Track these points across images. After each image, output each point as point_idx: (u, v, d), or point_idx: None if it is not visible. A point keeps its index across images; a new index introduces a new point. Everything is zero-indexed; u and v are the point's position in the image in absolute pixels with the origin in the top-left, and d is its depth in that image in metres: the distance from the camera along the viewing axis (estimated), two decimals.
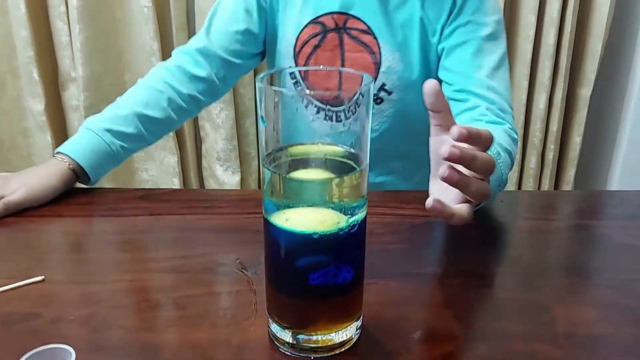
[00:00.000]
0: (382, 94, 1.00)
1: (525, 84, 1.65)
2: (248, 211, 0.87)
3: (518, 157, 1.74)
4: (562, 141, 1.76)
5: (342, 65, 0.99)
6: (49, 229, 0.82)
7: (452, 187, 0.57)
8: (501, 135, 0.84)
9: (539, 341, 0.60)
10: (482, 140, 0.56)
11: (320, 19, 0.99)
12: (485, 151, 0.57)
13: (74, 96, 1.65)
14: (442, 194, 0.62)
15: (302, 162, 0.55)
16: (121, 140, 0.95)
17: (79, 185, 0.95)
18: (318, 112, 0.52)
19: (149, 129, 0.99)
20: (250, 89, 1.69)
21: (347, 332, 0.58)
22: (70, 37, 1.56)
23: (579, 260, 0.76)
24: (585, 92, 1.66)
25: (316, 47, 1.00)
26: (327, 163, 0.55)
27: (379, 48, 0.97)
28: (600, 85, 1.67)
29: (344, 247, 0.54)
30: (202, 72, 1.01)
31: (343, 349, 0.58)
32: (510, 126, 0.89)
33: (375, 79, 0.99)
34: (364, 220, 0.55)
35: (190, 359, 0.57)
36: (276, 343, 0.58)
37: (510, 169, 0.82)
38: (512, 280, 0.71)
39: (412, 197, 0.91)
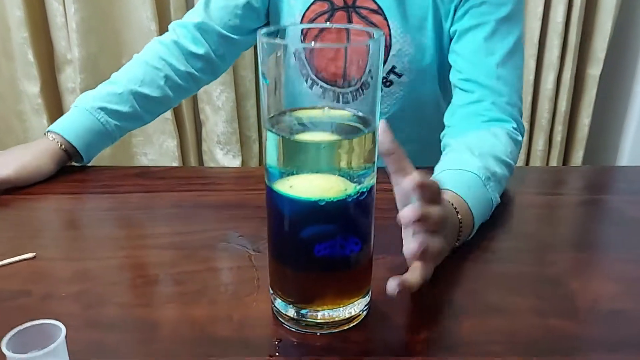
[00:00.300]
0: (392, 76, 0.96)
1: (533, 63, 1.61)
2: (249, 188, 0.83)
3: (525, 139, 1.70)
4: (570, 122, 1.72)
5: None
6: (41, 207, 0.79)
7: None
8: (500, 145, 0.78)
9: (556, 316, 0.56)
10: (431, 190, 0.54)
11: None
12: (436, 197, 0.56)
13: (70, 78, 1.61)
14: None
15: (308, 126, 0.51)
16: (116, 119, 0.92)
17: (72, 164, 0.92)
18: (324, 94, 0.49)
19: (145, 108, 0.95)
20: (251, 70, 1.65)
21: (354, 308, 0.54)
22: (66, 17, 1.52)
23: (593, 235, 0.73)
24: (594, 71, 1.62)
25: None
26: (335, 127, 0.51)
27: (389, 30, 0.92)
28: (609, 65, 1.63)
29: (352, 216, 0.51)
30: (200, 49, 0.97)
31: (350, 325, 0.54)
32: (514, 125, 0.83)
33: (385, 61, 0.94)
34: (372, 189, 0.52)
35: (189, 335, 0.53)
36: (280, 319, 0.55)
37: (508, 178, 0.78)
38: (526, 256, 0.67)
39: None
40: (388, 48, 0.93)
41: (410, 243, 0.53)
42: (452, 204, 0.63)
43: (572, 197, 0.84)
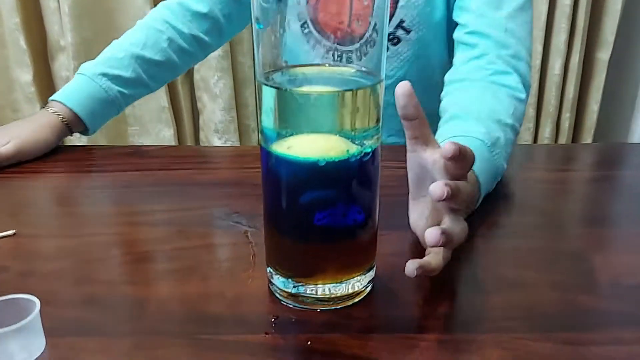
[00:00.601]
0: (400, 32, 0.89)
1: (540, 47, 1.56)
2: (246, 166, 0.79)
3: (532, 125, 1.65)
4: (578, 109, 1.66)
5: None
6: (26, 185, 0.74)
7: (428, 214, 0.55)
8: (500, 107, 0.72)
9: (579, 291, 0.52)
10: (466, 161, 0.49)
11: None
12: (468, 170, 0.51)
13: (63, 66, 1.56)
14: (419, 218, 0.56)
15: (307, 80, 0.46)
16: (119, 85, 0.87)
17: (75, 136, 0.88)
18: (327, 53, 0.45)
19: (149, 73, 0.90)
20: (249, 56, 1.60)
21: (357, 283, 0.50)
22: (59, 1, 1.48)
23: (608, 210, 0.69)
24: (603, 55, 1.57)
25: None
26: (337, 82, 0.47)
27: None
28: (619, 49, 1.58)
29: (354, 180, 0.46)
30: (204, 8, 0.92)
31: (353, 301, 0.50)
32: (519, 79, 0.77)
33: (392, 15, 0.87)
34: (377, 151, 0.47)
35: (178, 312, 0.49)
36: (277, 295, 0.50)
37: (514, 141, 0.73)
38: (541, 230, 0.63)
39: None
40: None
41: (433, 230, 0.47)
42: None
43: (584, 173, 0.80)
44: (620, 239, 0.62)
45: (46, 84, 1.60)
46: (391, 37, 0.89)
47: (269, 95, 0.45)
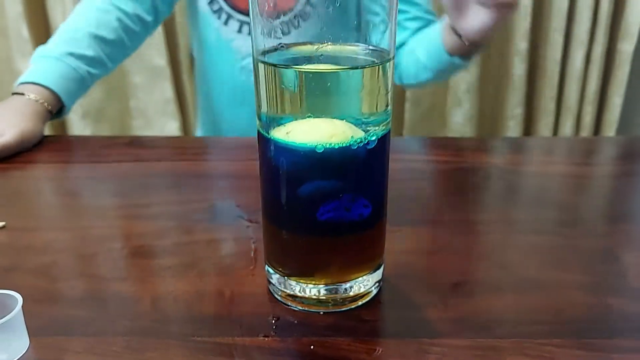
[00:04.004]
0: (308, 8, 0.86)
1: (561, 39, 1.50)
2: (248, 158, 0.74)
3: (551, 120, 1.60)
4: (600, 103, 1.60)
5: None
6: (19, 175, 0.71)
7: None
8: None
9: (611, 294, 0.47)
10: None
11: None
12: None
13: None
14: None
15: (307, 59, 0.42)
16: (85, 65, 0.88)
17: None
18: (242, 26, 0.39)
19: (106, 52, 0.92)
20: None
21: (364, 283, 0.46)
22: None
23: (635, 206, 0.64)
24: (627, 46, 1.50)
25: None
26: (341, 61, 0.42)
27: None
28: None
29: (359, 170, 0.42)
30: None
31: (359, 303, 0.46)
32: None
33: None
34: (385, 138, 0.43)
35: (172, 312, 0.45)
36: (276, 296, 0.46)
37: None
38: (566, 227, 0.58)
39: (435, 143, 0.81)
40: None
41: None
42: None
43: (607, 167, 0.75)
44: None
45: None
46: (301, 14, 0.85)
47: (267, 76, 0.41)
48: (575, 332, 0.42)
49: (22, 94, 0.81)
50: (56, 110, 0.84)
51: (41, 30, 1.53)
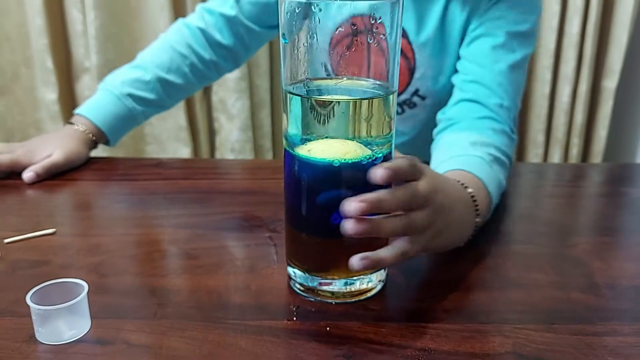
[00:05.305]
0: (416, 98, 0.95)
1: (549, 75, 1.61)
2: (265, 177, 0.83)
3: (541, 151, 1.69)
4: (586, 135, 1.70)
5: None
6: (62, 190, 0.79)
7: None
8: (497, 137, 0.76)
9: (577, 290, 0.55)
10: (403, 173, 0.50)
11: (355, 20, 0.93)
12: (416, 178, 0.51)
13: (87, 86, 1.63)
14: None
15: (326, 91, 0.51)
16: (142, 105, 0.94)
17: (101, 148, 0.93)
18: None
19: (169, 94, 0.97)
20: (267, 79, 1.66)
21: (371, 278, 0.54)
22: (85, 25, 1.55)
23: (614, 222, 0.72)
24: (610, 83, 1.61)
25: (348, 47, 0.94)
26: (353, 93, 0.51)
27: (413, 54, 0.91)
28: (625, 77, 1.62)
29: (368, 182, 0.50)
30: (226, 40, 0.98)
31: (367, 296, 0.54)
32: (506, 125, 0.80)
33: (408, 83, 0.93)
34: (389, 156, 0.52)
35: (205, 300, 0.53)
36: (295, 288, 0.55)
37: (509, 170, 0.77)
38: (546, 238, 0.67)
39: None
40: (412, 70, 0.92)
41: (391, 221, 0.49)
42: (459, 181, 0.61)
43: (591, 189, 0.84)
44: (622, 247, 0.65)
45: (70, 104, 1.67)
46: (408, 102, 0.95)
47: (294, 104, 0.50)
48: (545, 319, 0.51)
49: (73, 124, 0.90)
50: (102, 141, 0.93)
51: (64, 62, 1.63)
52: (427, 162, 0.74)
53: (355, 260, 0.48)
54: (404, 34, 0.91)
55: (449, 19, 0.89)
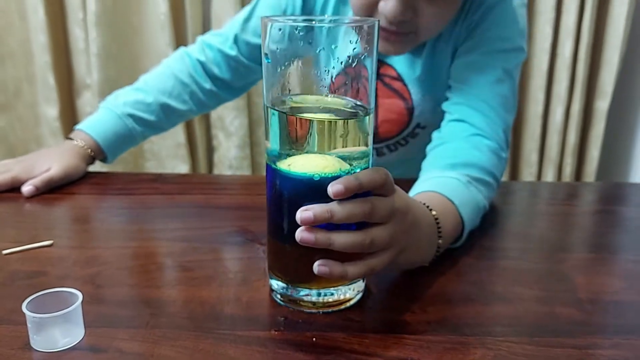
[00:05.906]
0: (418, 130, 0.98)
1: (542, 96, 1.64)
2: (258, 192, 0.85)
3: (534, 170, 1.72)
4: (579, 155, 1.73)
5: (376, 111, 0.96)
6: (60, 203, 0.81)
7: None
8: (481, 156, 0.77)
9: (560, 305, 0.57)
10: (366, 186, 0.50)
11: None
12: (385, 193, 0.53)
13: (88, 102, 1.66)
14: None
15: (306, 109, 0.53)
16: (142, 126, 0.97)
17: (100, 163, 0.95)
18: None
19: (169, 118, 1.00)
20: None
21: (352, 288, 0.56)
22: (87, 42, 1.58)
23: (602, 239, 0.74)
24: (602, 104, 1.64)
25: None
26: (333, 111, 0.53)
27: (410, 94, 0.94)
28: (617, 98, 1.65)
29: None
30: (224, 75, 1.01)
31: (348, 305, 0.56)
32: (495, 142, 0.80)
33: (409, 122, 0.96)
34: None
35: (197, 312, 0.55)
36: (276, 299, 0.57)
37: (495, 188, 0.78)
38: (534, 254, 0.68)
39: None
40: (411, 110, 0.95)
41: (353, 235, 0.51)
42: (424, 203, 0.62)
43: (583, 207, 0.86)
44: (607, 264, 0.67)
45: (70, 120, 1.70)
46: (411, 134, 0.98)
47: (274, 120, 0.52)
48: (528, 333, 0.52)
49: (72, 139, 0.92)
50: (100, 157, 0.95)
51: (65, 78, 1.66)
52: None
53: (315, 265, 0.50)
54: (399, 77, 0.94)
55: (437, 54, 0.92)
